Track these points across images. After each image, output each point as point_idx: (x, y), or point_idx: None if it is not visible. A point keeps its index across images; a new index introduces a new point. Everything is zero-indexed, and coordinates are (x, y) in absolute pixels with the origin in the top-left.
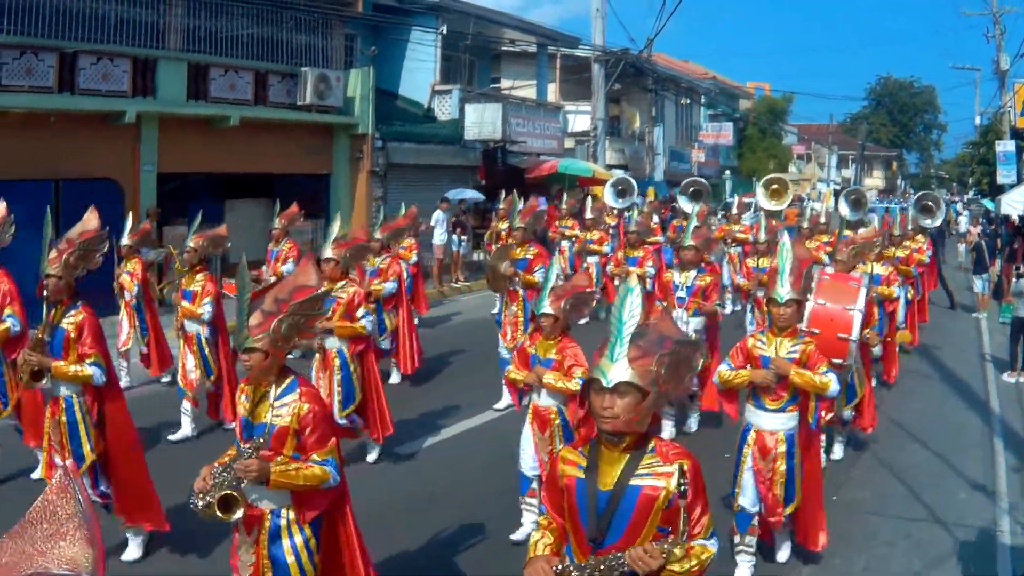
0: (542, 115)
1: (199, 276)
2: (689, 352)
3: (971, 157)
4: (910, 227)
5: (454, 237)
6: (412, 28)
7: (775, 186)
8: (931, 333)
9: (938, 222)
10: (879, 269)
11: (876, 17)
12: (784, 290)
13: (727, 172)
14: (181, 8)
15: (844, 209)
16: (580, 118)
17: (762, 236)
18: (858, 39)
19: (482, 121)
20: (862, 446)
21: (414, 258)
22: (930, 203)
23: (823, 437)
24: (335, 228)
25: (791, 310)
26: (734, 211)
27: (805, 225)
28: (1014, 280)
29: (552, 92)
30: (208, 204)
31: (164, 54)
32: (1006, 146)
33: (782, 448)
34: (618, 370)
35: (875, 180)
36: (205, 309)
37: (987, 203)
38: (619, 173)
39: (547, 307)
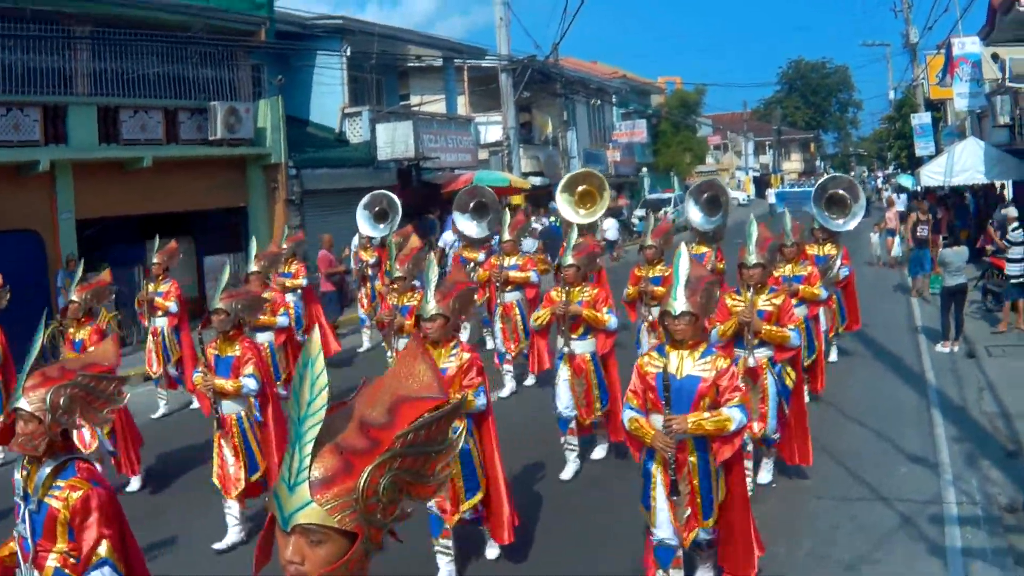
0: (453, 129)
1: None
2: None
3: (888, 132)
4: (792, 236)
5: None
6: (317, 53)
7: (583, 187)
8: (863, 311)
9: (854, 222)
10: (797, 269)
11: (784, 1)
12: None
13: (644, 169)
14: (87, 52)
15: (694, 214)
16: (492, 128)
17: (533, 276)
18: (767, 25)
19: (394, 140)
20: None
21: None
22: (842, 192)
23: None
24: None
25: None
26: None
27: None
28: (940, 250)
29: (462, 105)
30: (128, 247)
31: (73, 100)
32: (921, 118)
33: None
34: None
35: (794, 163)
36: None
37: (904, 178)
38: (536, 180)
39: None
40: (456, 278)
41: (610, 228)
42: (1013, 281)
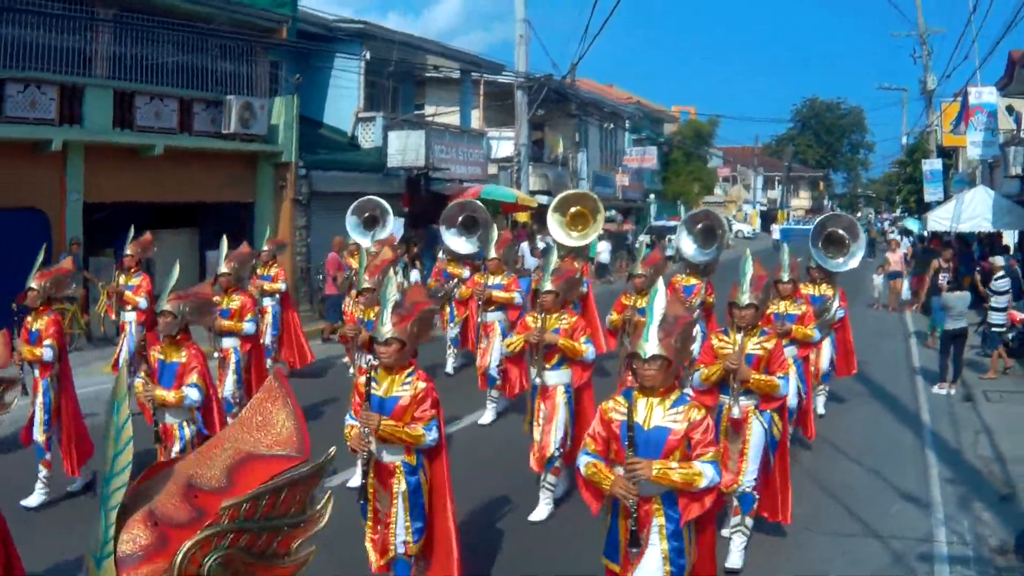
0: (465, 141)
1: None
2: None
3: (898, 176)
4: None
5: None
6: (336, 55)
7: (575, 208)
8: (861, 351)
9: (853, 262)
10: (791, 307)
11: (803, 39)
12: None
13: (651, 196)
14: (108, 35)
15: (687, 244)
16: (504, 144)
17: (517, 298)
18: (783, 62)
19: (405, 148)
20: (794, 464)
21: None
22: (841, 232)
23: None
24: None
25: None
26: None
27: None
28: (944, 294)
29: (476, 118)
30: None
31: (91, 82)
32: (933, 164)
33: None
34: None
35: (802, 200)
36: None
37: (910, 222)
38: (543, 199)
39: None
40: (415, 299)
41: (603, 251)
42: (995, 329)
